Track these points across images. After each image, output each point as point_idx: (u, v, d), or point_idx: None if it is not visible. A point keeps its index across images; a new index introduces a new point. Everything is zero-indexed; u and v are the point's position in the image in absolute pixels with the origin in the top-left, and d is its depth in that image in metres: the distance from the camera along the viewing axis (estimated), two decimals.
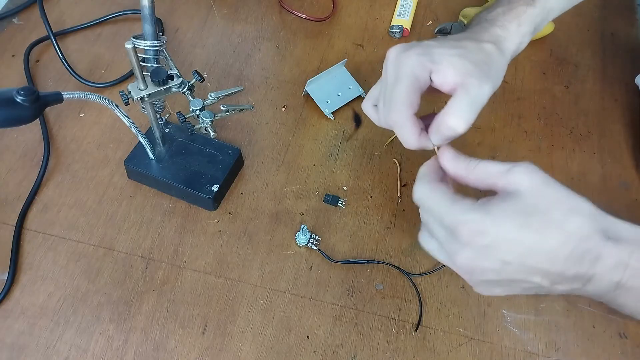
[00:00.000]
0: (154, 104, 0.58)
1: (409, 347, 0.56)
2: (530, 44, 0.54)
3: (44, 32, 0.75)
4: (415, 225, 0.63)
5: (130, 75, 0.74)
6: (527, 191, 0.41)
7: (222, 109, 0.58)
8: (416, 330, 0.57)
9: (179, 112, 0.56)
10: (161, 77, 0.53)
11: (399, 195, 0.65)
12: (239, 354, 0.55)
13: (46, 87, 0.73)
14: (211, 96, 0.57)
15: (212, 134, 0.57)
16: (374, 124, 0.53)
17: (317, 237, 0.61)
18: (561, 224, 0.39)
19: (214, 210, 0.63)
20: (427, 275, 0.60)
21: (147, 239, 0.61)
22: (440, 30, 0.79)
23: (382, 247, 0.61)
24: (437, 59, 0.46)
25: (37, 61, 0.76)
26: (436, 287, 0.59)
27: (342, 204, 0.64)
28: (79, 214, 0.63)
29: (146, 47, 0.54)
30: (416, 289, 0.59)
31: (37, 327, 0.56)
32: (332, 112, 0.71)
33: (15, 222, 0.62)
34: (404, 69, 0.47)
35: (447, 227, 0.42)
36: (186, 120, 0.56)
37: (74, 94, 0.50)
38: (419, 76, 0.46)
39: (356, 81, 0.73)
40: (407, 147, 0.48)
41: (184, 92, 0.56)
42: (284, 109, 0.72)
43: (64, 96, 0.49)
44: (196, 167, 0.63)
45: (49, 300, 0.57)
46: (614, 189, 0.67)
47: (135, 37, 0.52)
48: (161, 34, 0.55)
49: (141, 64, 0.53)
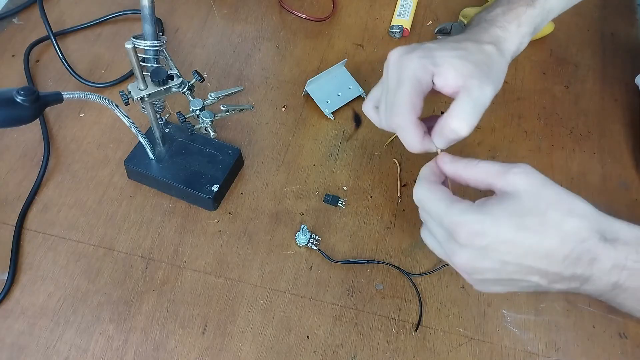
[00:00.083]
0: (154, 104, 0.58)
1: (409, 347, 0.56)
2: (530, 44, 0.54)
3: (44, 32, 0.75)
4: (415, 225, 0.63)
5: (130, 75, 0.74)
6: (525, 192, 0.41)
7: (222, 109, 0.58)
8: (416, 330, 0.57)
9: (179, 112, 0.56)
10: (161, 77, 0.53)
11: (399, 195, 0.65)
12: (239, 354, 0.55)
13: (46, 87, 0.73)
14: (211, 96, 0.57)
15: (212, 134, 0.57)
16: (374, 124, 0.53)
17: (317, 237, 0.61)
18: (559, 225, 0.39)
19: (214, 210, 0.63)
20: (427, 275, 0.60)
21: (147, 239, 0.61)
22: (440, 30, 0.79)
23: (382, 247, 0.61)
24: (438, 61, 0.46)
25: (37, 61, 0.76)
26: (436, 287, 0.59)
27: (342, 204, 0.64)
28: (79, 214, 0.63)
29: (146, 47, 0.54)
30: (416, 289, 0.59)
31: (37, 327, 0.56)
32: (332, 112, 0.71)
33: (15, 222, 0.62)
34: (406, 72, 0.46)
35: (445, 228, 0.42)
36: (186, 120, 0.56)
37: (74, 94, 0.50)
38: (422, 79, 0.46)
39: (356, 81, 0.73)
40: (411, 151, 0.48)
41: (184, 92, 0.56)
42: (284, 109, 0.72)
43: (64, 96, 0.49)
44: (196, 167, 0.63)
45: (49, 300, 0.57)
46: (614, 189, 0.67)
47: (135, 37, 0.52)
48: (161, 34, 0.55)
49: (141, 64, 0.53)
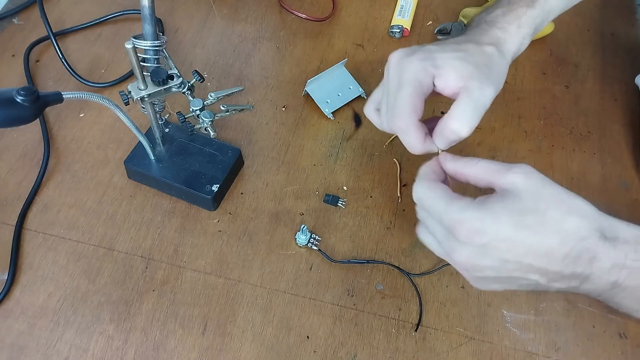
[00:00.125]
0: (154, 104, 0.58)
1: (409, 347, 0.56)
2: (530, 44, 0.54)
3: (44, 32, 0.75)
4: (415, 225, 0.63)
5: (130, 75, 0.74)
6: (525, 191, 0.41)
7: (222, 109, 0.58)
8: (416, 330, 0.57)
9: (179, 112, 0.56)
10: (161, 77, 0.53)
11: (399, 195, 0.65)
12: (239, 354, 0.55)
13: (46, 87, 0.73)
14: (211, 96, 0.57)
15: (212, 134, 0.57)
16: (375, 126, 0.53)
17: (317, 237, 0.61)
18: (559, 224, 0.39)
19: (214, 210, 0.63)
20: (427, 275, 0.60)
21: (147, 239, 0.61)
22: (440, 30, 0.79)
23: (382, 247, 0.61)
24: (439, 63, 0.46)
25: (37, 61, 0.76)
26: (436, 287, 0.59)
27: (342, 204, 0.64)
28: (79, 214, 0.63)
29: (146, 47, 0.54)
30: (416, 289, 0.59)
31: (37, 327, 0.56)
32: (332, 112, 0.71)
33: (15, 222, 0.62)
34: (407, 74, 0.47)
35: (445, 225, 0.42)
36: (186, 120, 0.56)
37: (74, 94, 0.50)
38: (422, 82, 0.46)
39: (356, 81, 0.73)
40: (412, 152, 0.48)
41: (184, 92, 0.56)
42: (284, 109, 0.72)
43: (64, 96, 0.49)
44: (196, 167, 0.63)
45: (49, 300, 0.57)
46: (614, 189, 0.67)
47: (135, 37, 0.52)
48: (161, 34, 0.55)
49: (141, 64, 0.53)
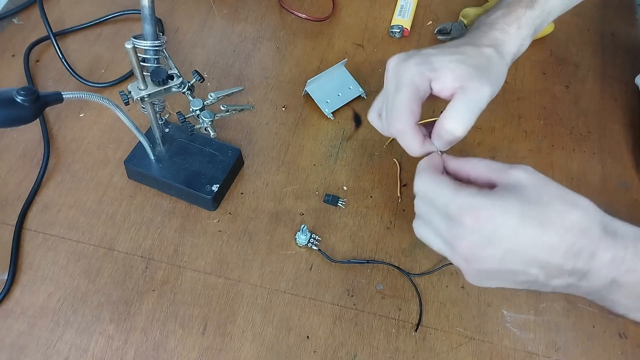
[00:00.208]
0: (154, 104, 0.58)
1: (409, 347, 0.56)
2: (530, 44, 0.54)
3: (44, 32, 0.75)
4: None
5: (130, 75, 0.74)
6: (529, 185, 0.41)
7: (222, 109, 0.58)
8: (416, 330, 0.57)
9: (179, 112, 0.56)
10: (161, 77, 0.53)
11: (399, 195, 0.65)
12: (239, 354, 0.55)
13: (46, 87, 0.73)
14: (211, 96, 0.57)
15: (212, 134, 0.57)
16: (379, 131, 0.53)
17: (317, 237, 0.61)
18: (563, 217, 0.40)
19: (214, 210, 0.63)
20: (427, 275, 0.60)
21: (147, 239, 0.61)
22: (440, 30, 0.79)
23: (382, 247, 0.61)
24: (436, 66, 0.47)
25: (37, 61, 0.76)
26: (436, 287, 0.59)
27: (342, 204, 0.64)
28: (79, 214, 0.63)
29: (146, 47, 0.54)
30: (416, 289, 0.59)
31: (37, 327, 0.56)
32: (332, 112, 0.71)
33: (15, 222, 0.62)
34: (404, 79, 0.47)
35: (452, 212, 0.41)
36: (186, 120, 0.56)
37: (74, 94, 0.50)
38: (419, 85, 0.47)
39: (356, 81, 0.73)
40: (412, 155, 0.48)
41: (184, 92, 0.56)
42: (284, 109, 0.72)
43: (64, 96, 0.49)
44: (196, 167, 0.63)
45: (49, 300, 0.57)
46: (614, 189, 0.67)
47: (135, 37, 0.52)
48: (161, 34, 0.55)
49: (141, 64, 0.53)
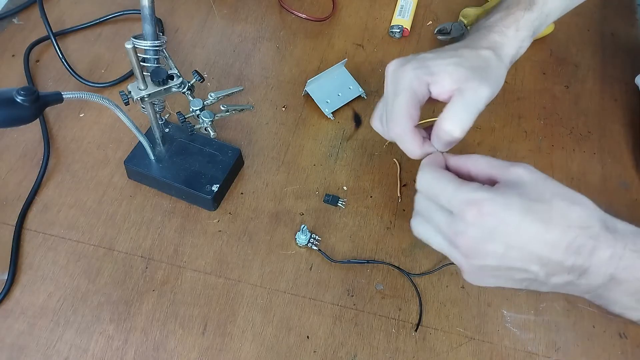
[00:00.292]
0: (154, 104, 0.58)
1: (409, 347, 0.56)
2: (530, 44, 0.54)
3: (44, 32, 0.75)
4: None
5: (130, 75, 0.74)
6: (531, 182, 0.41)
7: (222, 109, 0.58)
8: (416, 330, 0.57)
9: (179, 112, 0.56)
10: (161, 77, 0.53)
11: (399, 195, 0.65)
12: (239, 354, 0.55)
13: (46, 87, 0.73)
14: (211, 96, 0.57)
15: (212, 134, 0.57)
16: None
17: (317, 237, 0.61)
18: (564, 213, 0.40)
19: (214, 210, 0.63)
20: (427, 275, 0.60)
21: (147, 239, 0.61)
22: (440, 30, 0.79)
23: (382, 247, 0.61)
24: (433, 70, 0.47)
25: (37, 61, 0.76)
26: (436, 287, 0.59)
27: (342, 204, 0.64)
28: (79, 214, 0.63)
29: (146, 47, 0.54)
30: (416, 289, 0.59)
31: (37, 327, 0.56)
32: (332, 112, 0.71)
33: (15, 222, 0.62)
34: (402, 84, 0.48)
35: (454, 208, 0.41)
36: (186, 120, 0.56)
37: (74, 94, 0.50)
38: (417, 90, 0.47)
39: (356, 81, 0.73)
40: (412, 157, 0.48)
41: (184, 92, 0.56)
42: (284, 109, 0.72)
43: (64, 96, 0.49)
44: (196, 167, 0.63)
45: (49, 300, 0.57)
46: (614, 189, 0.67)
47: (135, 37, 0.52)
48: (161, 34, 0.55)
49: (141, 64, 0.53)
